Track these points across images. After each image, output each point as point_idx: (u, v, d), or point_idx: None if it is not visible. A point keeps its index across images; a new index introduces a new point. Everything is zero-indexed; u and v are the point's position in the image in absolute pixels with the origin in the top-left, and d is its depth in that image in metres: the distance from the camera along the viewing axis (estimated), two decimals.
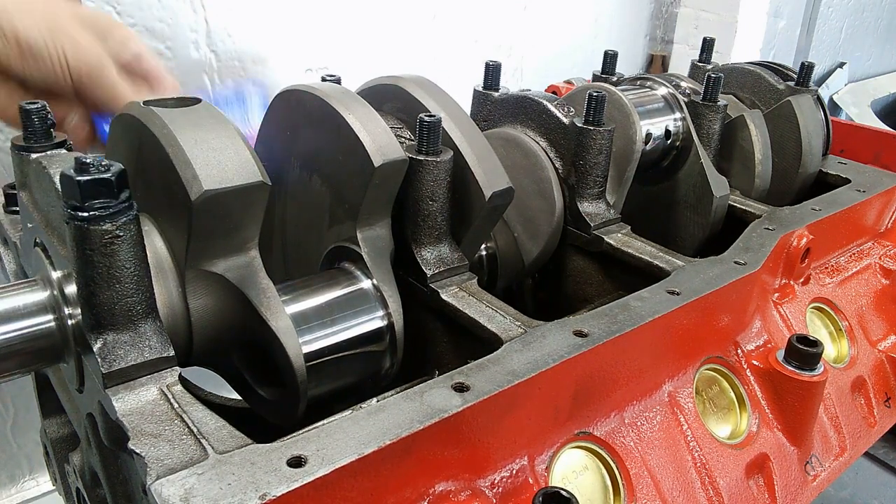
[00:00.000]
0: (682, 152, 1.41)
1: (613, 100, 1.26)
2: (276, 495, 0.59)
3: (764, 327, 1.18)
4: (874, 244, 1.54)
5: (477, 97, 1.32)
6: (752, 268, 1.08)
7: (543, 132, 1.22)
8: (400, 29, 2.41)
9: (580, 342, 0.84)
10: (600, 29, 3.15)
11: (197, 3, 1.93)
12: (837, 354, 1.32)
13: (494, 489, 0.78)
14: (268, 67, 2.12)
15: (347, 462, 0.63)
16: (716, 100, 1.41)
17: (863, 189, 1.45)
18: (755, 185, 1.49)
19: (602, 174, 1.19)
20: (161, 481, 0.60)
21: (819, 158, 1.56)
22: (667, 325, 0.94)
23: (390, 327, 0.94)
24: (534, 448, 0.83)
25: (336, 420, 0.69)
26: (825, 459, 1.17)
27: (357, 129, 0.91)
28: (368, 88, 1.13)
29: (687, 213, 1.41)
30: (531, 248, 1.21)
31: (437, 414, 0.70)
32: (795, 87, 1.54)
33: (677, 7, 3.40)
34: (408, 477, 0.70)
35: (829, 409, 1.22)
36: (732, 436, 1.06)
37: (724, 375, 1.09)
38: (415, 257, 0.99)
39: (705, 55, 1.72)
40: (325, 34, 2.21)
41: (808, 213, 1.31)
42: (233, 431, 0.66)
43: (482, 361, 0.79)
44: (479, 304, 0.94)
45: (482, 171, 0.99)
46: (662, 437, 0.96)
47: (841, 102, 4.23)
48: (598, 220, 1.19)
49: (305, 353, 0.85)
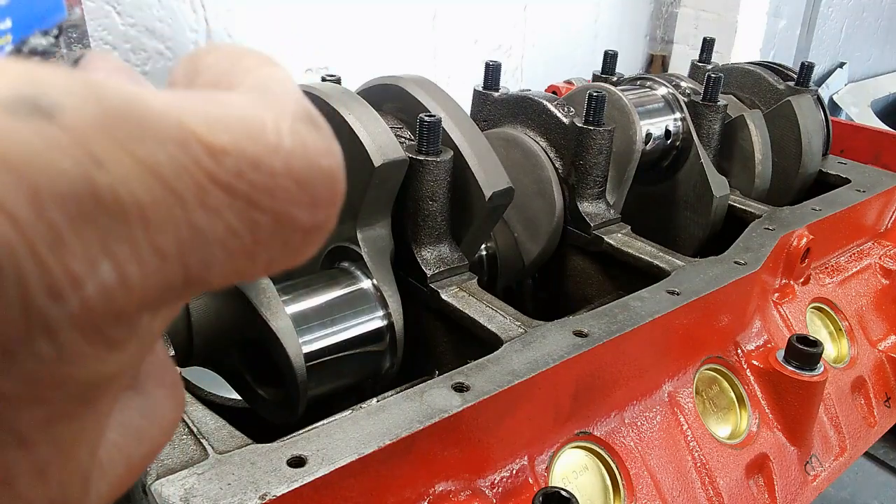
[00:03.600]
0: (682, 152, 1.41)
1: (613, 100, 1.26)
2: (277, 495, 0.59)
3: (764, 327, 1.18)
4: (874, 244, 1.54)
5: (477, 97, 1.32)
6: (752, 268, 1.08)
7: (543, 132, 1.22)
8: (400, 29, 2.41)
9: (580, 342, 0.84)
10: (600, 29, 3.15)
11: (197, 3, 1.93)
12: (837, 354, 1.32)
13: (494, 489, 0.78)
14: None
15: (347, 462, 0.63)
16: (716, 100, 1.41)
17: (863, 189, 1.45)
18: (755, 185, 1.49)
19: (602, 174, 1.19)
20: (161, 481, 0.60)
21: (819, 158, 1.56)
22: (667, 325, 0.94)
23: (390, 327, 0.94)
24: (534, 448, 0.83)
25: (336, 420, 0.69)
26: (825, 459, 1.17)
27: (357, 129, 0.91)
28: (368, 88, 1.13)
29: (687, 213, 1.41)
30: (531, 248, 1.21)
31: (437, 414, 0.70)
32: (795, 87, 1.54)
33: (677, 7, 3.40)
34: (408, 477, 0.70)
35: (829, 409, 1.22)
36: (732, 436, 1.06)
37: (724, 375, 1.09)
38: (415, 257, 0.99)
39: (705, 55, 1.72)
40: (325, 34, 2.21)
41: (808, 213, 1.31)
42: (233, 431, 0.66)
43: (482, 361, 0.79)
44: (479, 304, 0.94)
45: (482, 171, 0.99)
46: (662, 437, 0.96)
47: (841, 102, 4.23)
48: (598, 220, 1.19)
49: (305, 353, 0.85)
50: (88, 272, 0.19)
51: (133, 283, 0.20)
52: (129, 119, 0.20)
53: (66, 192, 0.18)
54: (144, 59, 1.91)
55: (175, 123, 0.21)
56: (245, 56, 0.28)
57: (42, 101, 0.19)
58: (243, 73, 0.27)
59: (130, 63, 1.88)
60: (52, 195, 0.18)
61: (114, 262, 0.19)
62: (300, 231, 0.24)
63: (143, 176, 0.20)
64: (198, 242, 0.21)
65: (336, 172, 0.24)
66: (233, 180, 0.21)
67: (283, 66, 0.28)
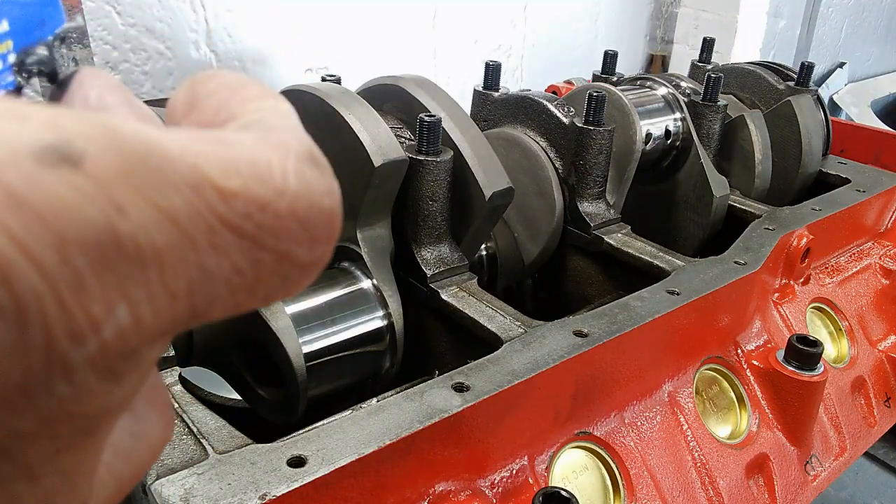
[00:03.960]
0: (682, 152, 1.41)
1: (613, 100, 1.26)
2: (276, 495, 0.59)
3: (764, 327, 1.18)
4: (874, 244, 1.54)
5: (477, 97, 1.32)
6: (752, 268, 1.08)
7: (543, 132, 1.22)
8: (400, 29, 2.41)
9: (580, 342, 0.84)
10: (600, 29, 3.15)
11: (197, 3, 1.93)
12: (837, 354, 1.32)
13: (494, 489, 0.78)
14: (268, 67, 2.12)
15: (347, 462, 0.63)
16: (716, 100, 1.41)
17: (863, 189, 1.45)
18: (755, 185, 1.49)
19: (602, 174, 1.19)
20: (161, 481, 0.60)
21: (819, 158, 1.56)
22: (667, 325, 0.94)
23: (390, 327, 0.94)
24: (534, 448, 0.83)
25: (336, 420, 0.69)
26: (825, 459, 1.17)
27: (357, 129, 0.91)
28: (368, 88, 1.13)
29: (687, 213, 1.41)
30: (531, 248, 1.21)
31: (437, 414, 0.70)
32: (795, 87, 1.54)
33: (677, 7, 3.40)
34: (408, 477, 0.70)
35: (829, 409, 1.22)
36: (732, 436, 1.06)
37: (724, 375, 1.09)
38: (415, 257, 0.99)
39: (705, 55, 1.72)
40: (325, 34, 2.21)
41: (808, 213, 1.31)
42: (233, 431, 0.66)
43: (482, 361, 0.79)
44: (479, 304, 0.94)
45: (482, 171, 0.99)
46: (662, 437, 0.96)
47: (841, 102, 4.23)
48: (598, 220, 1.19)
49: (305, 353, 0.85)
50: (107, 316, 0.20)
51: (146, 323, 0.21)
52: (148, 165, 0.20)
53: (90, 239, 0.19)
54: (144, 59, 1.91)
55: (190, 168, 0.21)
56: (245, 86, 0.29)
57: (67, 149, 0.19)
58: (243, 103, 0.28)
59: (130, 63, 1.88)
60: (77, 243, 0.19)
61: (129, 305, 0.20)
62: (299, 266, 0.25)
63: (161, 222, 0.20)
64: (206, 282, 0.22)
65: (335, 211, 0.25)
66: (242, 222, 0.22)
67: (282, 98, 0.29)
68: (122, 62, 1.87)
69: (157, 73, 1.93)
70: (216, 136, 0.24)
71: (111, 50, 1.84)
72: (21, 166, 0.18)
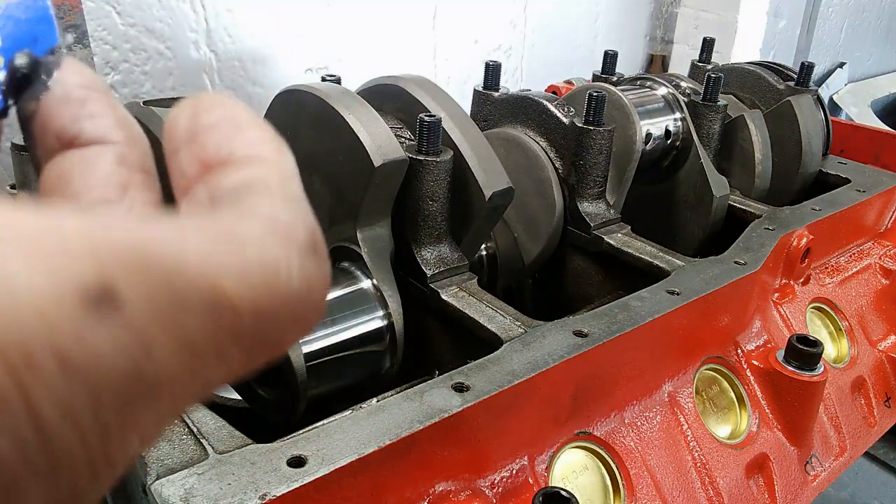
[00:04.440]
0: (682, 152, 1.41)
1: (613, 100, 1.26)
2: (276, 495, 0.59)
3: (764, 327, 1.18)
4: (874, 244, 1.54)
5: (477, 97, 1.32)
6: (752, 268, 1.08)
7: (543, 132, 1.22)
8: (400, 29, 2.41)
9: (580, 342, 0.84)
10: (600, 29, 3.15)
11: (197, 3, 1.93)
12: (837, 354, 1.32)
13: (494, 489, 0.78)
14: (268, 67, 2.12)
15: (347, 462, 0.63)
16: (716, 100, 1.41)
17: (863, 189, 1.45)
18: (755, 185, 1.49)
19: (602, 174, 1.19)
20: (161, 481, 0.60)
21: (819, 158, 1.56)
22: (667, 325, 0.94)
23: (390, 327, 0.94)
24: (534, 448, 0.83)
25: (336, 420, 0.69)
26: (825, 459, 1.17)
27: (357, 129, 0.91)
28: (368, 88, 1.13)
29: (687, 213, 1.41)
30: (531, 248, 1.21)
31: (437, 414, 0.70)
32: (795, 87, 1.54)
33: (677, 7, 3.40)
34: (408, 477, 0.70)
35: (829, 409, 1.22)
36: (732, 436, 1.06)
37: (724, 375, 1.09)
38: (415, 257, 0.99)
39: (705, 55, 1.72)
40: (324, 34, 2.21)
41: (808, 213, 1.31)
42: (233, 431, 0.66)
43: (482, 361, 0.79)
44: (479, 304, 0.94)
45: (482, 171, 0.99)
46: (662, 437, 0.96)
47: (841, 102, 4.23)
48: (598, 220, 1.19)
49: (305, 353, 0.85)
50: (123, 453, 0.21)
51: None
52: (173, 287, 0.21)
53: (119, 388, 0.20)
54: (144, 59, 1.91)
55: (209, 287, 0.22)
56: (246, 127, 0.29)
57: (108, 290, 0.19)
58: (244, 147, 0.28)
59: (130, 63, 1.88)
60: (109, 394, 0.19)
61: (141, 434, 0.21)
62: (285, 346, 0.26)
63: (181, 353, 0.21)
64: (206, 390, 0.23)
65: (323, 300, 0.27)
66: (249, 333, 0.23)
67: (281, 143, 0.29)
68: (122, 62, 1.86)
69: (157, 73, 1.93)
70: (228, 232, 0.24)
71: (111, 50, 1.83)
72: (69, 317, 0.18)
